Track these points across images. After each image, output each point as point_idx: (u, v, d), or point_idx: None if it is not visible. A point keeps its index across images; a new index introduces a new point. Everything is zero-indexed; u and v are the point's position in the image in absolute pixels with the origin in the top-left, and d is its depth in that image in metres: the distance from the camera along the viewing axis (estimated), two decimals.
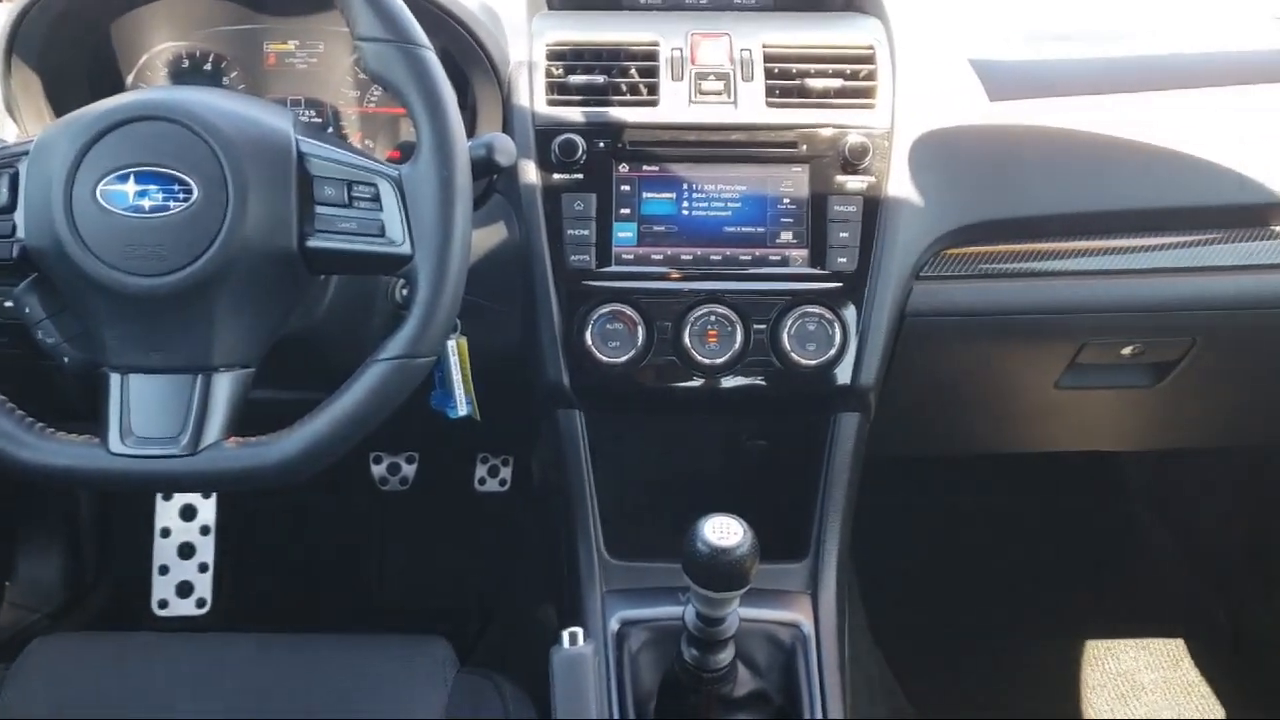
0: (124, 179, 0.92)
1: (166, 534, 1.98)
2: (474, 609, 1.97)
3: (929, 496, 2.12)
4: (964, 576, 2.07)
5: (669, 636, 1.20)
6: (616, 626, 1.27)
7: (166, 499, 1.98)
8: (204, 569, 1.97)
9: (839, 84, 1.27)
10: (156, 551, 1.97)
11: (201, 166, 0.93)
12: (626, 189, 1.25)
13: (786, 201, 1.25)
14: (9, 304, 1.00)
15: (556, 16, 1.35)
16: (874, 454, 1.37)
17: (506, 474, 2.07)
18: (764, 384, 1.26)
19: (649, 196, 1.25)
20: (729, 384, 1.26)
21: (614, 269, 1.25)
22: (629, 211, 1.25)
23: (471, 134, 1.25)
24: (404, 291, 1.16)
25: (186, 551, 1.97)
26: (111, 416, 0.95)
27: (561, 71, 1.27)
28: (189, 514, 1.98)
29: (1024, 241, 1.30)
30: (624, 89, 1.27)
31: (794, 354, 1.24)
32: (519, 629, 1.89)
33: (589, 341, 1.24)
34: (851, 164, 1.24)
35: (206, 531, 1.98)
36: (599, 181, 1.25)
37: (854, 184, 1.25)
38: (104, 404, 0.96)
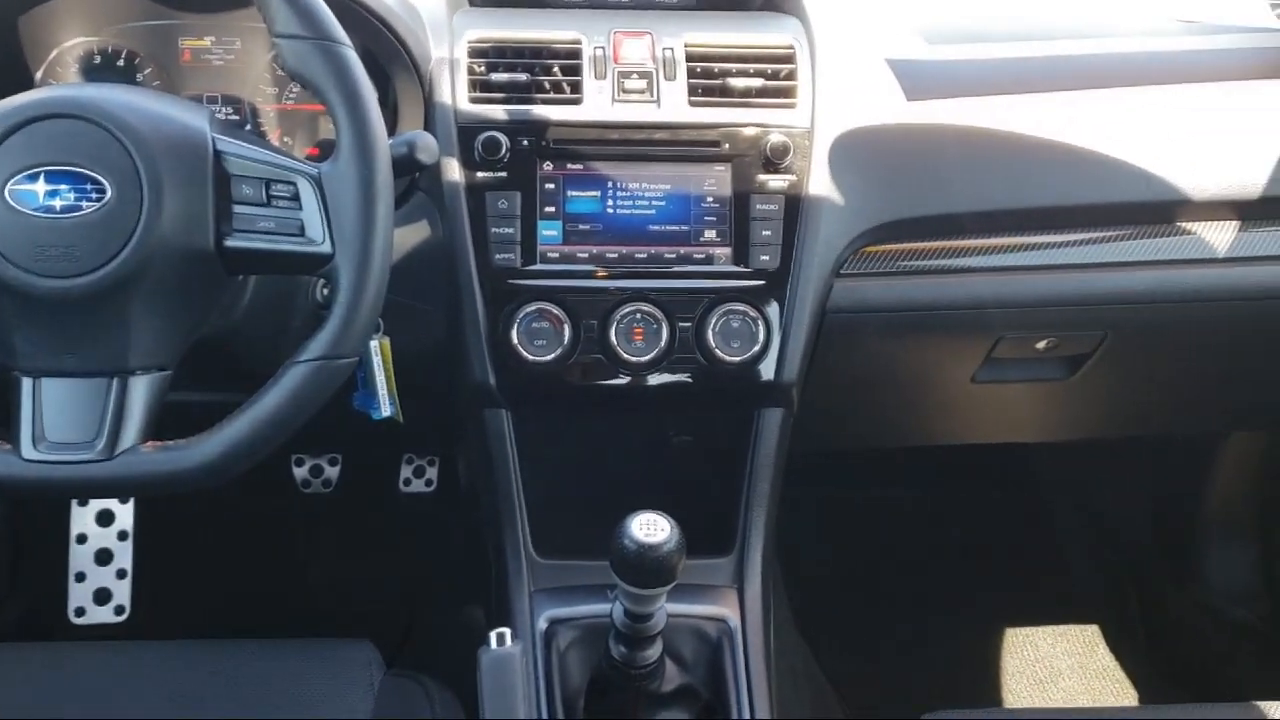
0: (33, 178, 0.90)
1: (83, 540, 1.92)
2: (401, 611, 1.95)
3: (850, 489, 2.15)
4: (885, 568, 2.11)
5: (597, 634, 1.20)
6: (545, 625, 1.28)
7: (82, 504, 1.93)
8: (122, 575, 1.92)
9: (760, 83, 1.28)
10: (72, 558, 1.91)
11: (114, 165, 0.91)
12: (551, 187, 1.25)
13: (710, 200, 1.26)
14: None
15: (477, 13, 1.34)
16: (797, 448, 1.39)
17: (432, 474, 2.06)
18: (689, 381, 1.27)
19: (574, 195, 1.25)
20: (655, 381, 1.27)
21: (539, 267, 1.25)
22: (554, 210, 1.25)
23: (393, 132, 1.25)
24: (325, 291, 1.15)
25: (104, 558, 1.92)
26: (24, 422, 0.93)
27: (484, 69, 1.27)
28: (106, 519, 1.93)
29: (941, 239, 1.32)
30: (547, 87, 1.26)
31: (719, 351, 1.25)
32: (447, 630, 1.88)
33: (515, 340, 1.24)
34: (773, 163, 1.25)
35: (124, 537, 1.93)
36: (523, 180, 1.24)
37: (776, 183, 1.26)
38: (15, 409, 0.93)
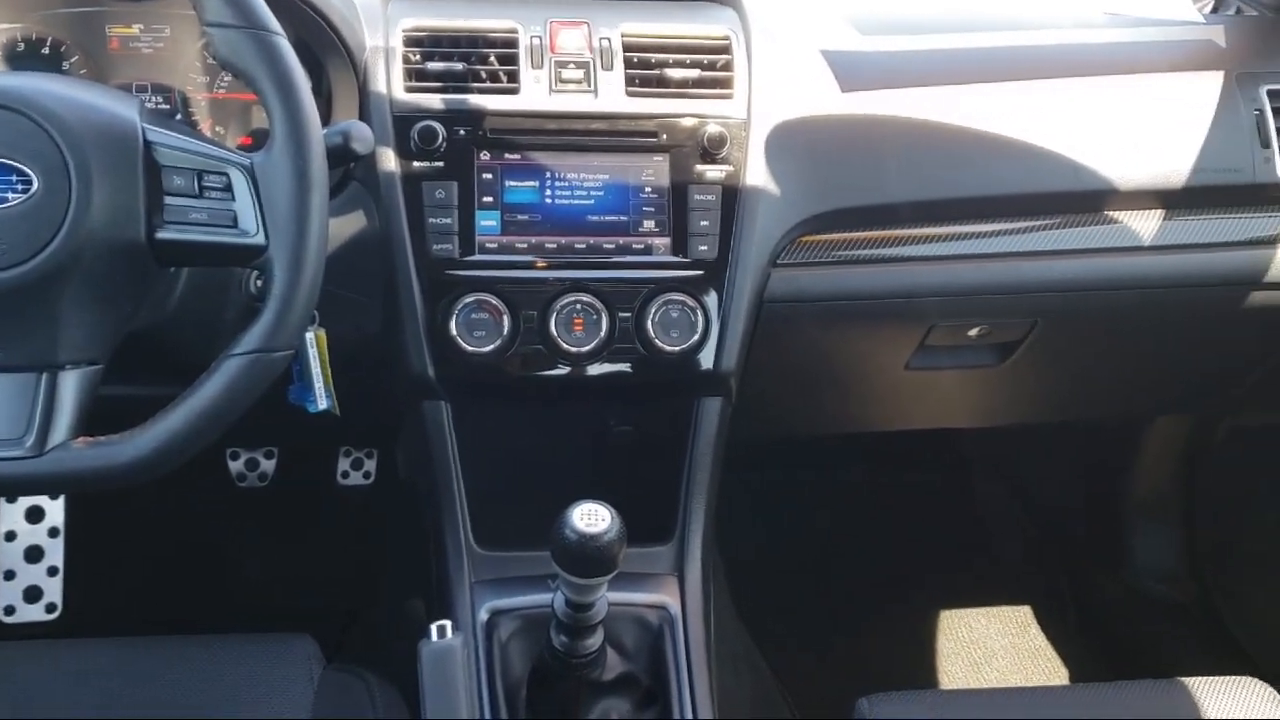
0: None
1: (11, 538, 1.88)
2: (341, 605, 1.94)
3: (788, 476, 2.17)
4: (822, 552, 2.13)
5: (539, 625, 1.21)
6: (486, 617, 1.28)
7: (11, 501, 1.89)
8: (53, 573, 1.89)
9: (697, 74, 1.28)
10: (1, 556, 1.88)
11: (41, 156, 0.89)
12: (489, 177, 1.25)
13: (648, 190, 1.27)
14: None
15: (412, 1, 1.33)
16: (736, 437, 1.40)
17: (371, 467, 2.04)
18: (629, 371, 1.28)
19: (512, 185, 1.25)
20: (595, 371, 1.27)
21: (478, 258, 1.24)
22: (492, 200, 1.25)
23: (327, 122, 1.23)
24: (258, 283, 1.13)
25: (34, 555, 1.88)
26: None
27: (419, 58, 1.26)
28: (36, 516, 1.89)
29: (876, 228, 1.34)
30: (484, 76, 1.26)
31: (658, 340, 1.26)
32: (387, 624, 1.87)
33: (454, 331, 1.23)
34: (710, 153, 1.26)
35: (55, 534, 1.89)
36: (460, 169, 1.24)
37: (713, 173, 1.27)
38: None
